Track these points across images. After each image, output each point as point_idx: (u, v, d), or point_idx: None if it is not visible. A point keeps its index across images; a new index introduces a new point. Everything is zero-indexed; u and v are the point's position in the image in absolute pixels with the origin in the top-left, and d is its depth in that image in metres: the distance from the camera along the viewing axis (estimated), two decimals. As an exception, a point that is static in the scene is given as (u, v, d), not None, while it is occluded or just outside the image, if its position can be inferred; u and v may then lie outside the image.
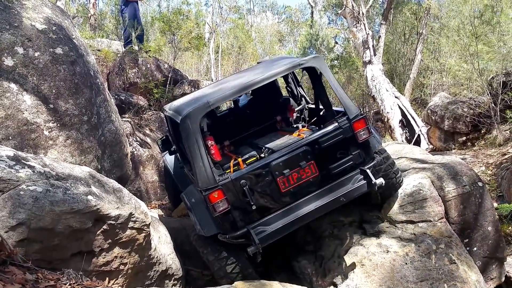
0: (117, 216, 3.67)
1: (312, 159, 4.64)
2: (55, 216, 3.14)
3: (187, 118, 4.41)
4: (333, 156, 4.74)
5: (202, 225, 4.68)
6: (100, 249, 3.65)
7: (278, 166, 4.56)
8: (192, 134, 4.36)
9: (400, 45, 21.89)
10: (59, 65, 4.22)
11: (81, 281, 3.10)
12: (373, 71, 16.34)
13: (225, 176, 4.48)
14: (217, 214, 4.35)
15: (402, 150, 7.38)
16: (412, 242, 5.21)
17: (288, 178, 4.56)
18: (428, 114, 13.38)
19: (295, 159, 4.60)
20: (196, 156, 4.37)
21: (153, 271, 4.52)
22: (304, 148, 4.66)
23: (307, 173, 4.64)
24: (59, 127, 4.16)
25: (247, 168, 4.60)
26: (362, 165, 4.83)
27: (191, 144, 4.39)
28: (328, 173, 4.75)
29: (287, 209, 4.67)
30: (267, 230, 4.55)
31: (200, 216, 4.74)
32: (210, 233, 4.63)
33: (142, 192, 8.67)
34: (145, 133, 9.71)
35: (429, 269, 5.01)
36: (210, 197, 4.29)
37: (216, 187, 4.33)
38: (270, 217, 4.61)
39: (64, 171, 3.56)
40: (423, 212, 5.40)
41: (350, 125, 4.71)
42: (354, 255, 5.30)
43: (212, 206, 4.31)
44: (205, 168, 4.35)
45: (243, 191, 4.42)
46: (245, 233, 4.48)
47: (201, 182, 4.36)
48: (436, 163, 6.11)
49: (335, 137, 4.70)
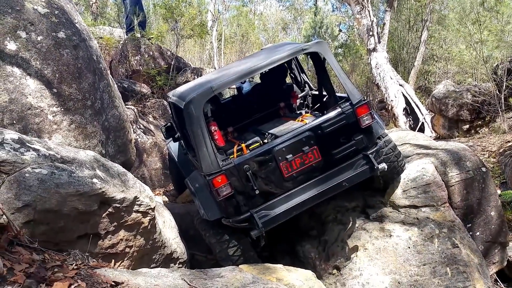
0: (122, 199, 3.70)
1: (315, 145, 4.66)
2: (60, 198, 3.16)
3: (190, 103, 4.43)
4: (336, 141, 4.75)
5: (206, 209, 4.73)
6: (106, 231, 3.69)
7: (281, 151, 4.58)
8: (196, 119, 4.38)
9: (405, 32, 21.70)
10: (62, 49, 4.22)
11: (87, 261, 3.14)
12: (378, 58, 16.22)
13: (229, 161, 4.50)
14: (221, 199, 4.38)
15: (406, 137, 7.39)
16: (415, 226, 5.23)
17: (291, 163, 4.59)
18: (432, 102, 13.35)
19: (298, 145, 4.62)
20: (199, 142, 4.39)
21: (158, 254, 4.56)
22: (307, 134, 4.67)
23: (310, 158, 4.66)
24: (63, 111, 4.17)
25: (250, 153, 4.63)
26: (365, 150, 4.82)
27: (194, 129, 4.40)
28: (331, 159, 4.75)
29: (290, 194, 4.69)
30: (270, 214, 4.57)
31: (204, 201, 4.78)
32: (214, 218, 4.68)
33: (146, 179, 8.71)
34: (148, 121, 9.73)
35: (431, 253, 5.03)
36: (214, 182, 4.32)
37: (220, 172, 4.35)
38: (273, 201, 4.63)
39: (69, 155, 3.58)
40: (426, 197, 5.41)
41: (353, 110, 4.71)
42: (357, 239, 5.33)
43: (216, 190, 4.34)
44: (209, 153, 4.38)
45: (246, 176, 4.44)
46: (248, 217, 4.52)
47: (205, 167, 4.39)
48: (439, 149, 6.12)
49: (338, 122, 4.70)
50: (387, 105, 15.82)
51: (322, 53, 4.93)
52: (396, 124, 15.17)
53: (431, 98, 13.49)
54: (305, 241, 5.73)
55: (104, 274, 2.82)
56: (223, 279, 3.06)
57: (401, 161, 5.38)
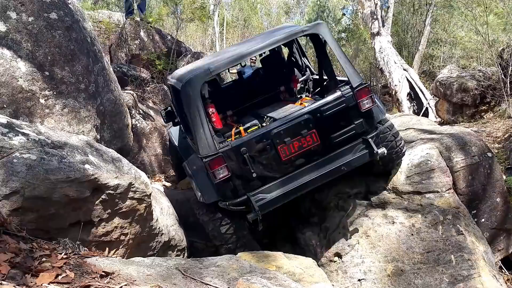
0: (116, 186, 3.57)
1: (314, 128, 4.57)
2: (50, 185, 3.04)
3: (188, 84, 4.38)
4: (335, 125, 4.67)
5: (202, 192, 4.70)
6: (100, 219, 3.58)
7: (279, 135, 4.50)
8: (193, 100, 4.33)
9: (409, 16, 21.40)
10: (54, 30, 4.06)
11: (78, 250, 3.02)
12: (381, 42, 15.98)
13: (226, 144, 4.45)
14: (217, 181, 4.33)
15: (409, 122, 7.25)
16: (419, 213, 5.12)
17: (289, 146, 4.52)
18: (437, 87, 13.15)
19: (296, 128, 4.54)
20: (197, 123, 4.35)
21: (155, 241, 4.46)
22: (306, 117, 4.58)
23: (308, 142, 4.58)
24: (55, 95, 4.03)
25: (248, 135, 4.57)
26: (365, 134, 4.74)
27: (192, 111, 4.35)
28: (329, 142, 4.68)
29: (288, 178, 4.62)
30: (267, 197, 4.52)
31: (201, 183, 4.74)
32: (211, 200, 4.65)
33: (146, 165, 8.59)
34: (148, 106, 9.58)
35: (435, 240, 4.92)
36: (211, 164, 4.28)
37: (217, 154, 4.31)
38: (271, 185, 4.57)
39: (60, 139, 3.45)
40: (430, 183, 5.27)
41: (353, 94, 4.62)
42: (359, 226, 5.23)
43: (213, 173, 4.30)
44: (206, 136, 4.33)
45: (243, 158, 4.40)
46: (245, 201, 4.48)
47: (202, 149, 4.34)
48: (444, 134, 5.98)
49: (338, 105, 4.61)
50: (391, 90, 15.63)
51: (322, 35, 4.81)
52: (400, 109, 14.99)
53: (436, 82, 13.27)
54: (306, 228, 5.64)
55: (95, 264, 2.71)
56: (219, 269, 2.95)
57: (402, 147, 5.26)
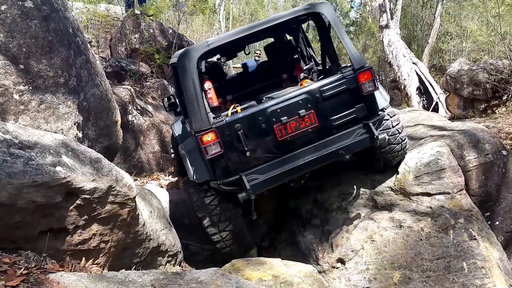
0: (92, 190, 3.24)
1: (313, 109, 4.41)
2: (13, 190, 2.72)
3: (184, 56, 4.28)
4: (335, 107, 4.49)
5: (195, 171, 4.57)
6: (75, 226, 3.25)
7: (275, 113, 4.34)
8: (189, 73, 4.22)
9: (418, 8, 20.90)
10: (30, 20, 3.73)
11: (44, 263, 2.71)
12: (390, 35, 15.58)
13: (220, 119, 4.31)
14: (209, 157, 4.19)
15: (419, 117, 6.87)
16: (428, 216, 4.77)
17: (286, 126, 4.36)
18: (447, 81, 12.76)
19: (294, 107, 4.38)
20: (191, 97, 4.24)
21: (142, 248, 4.13)
22: (304, 96, 4.41)
23: (306, 123, 4.41)
24: (31, 90, 3.70)
25: (244, 112, 4.41)
26: (366, 119, 4.53)
27: (187, 84, 4.24)
28: (328, 125, 4.49)
29: (283, 159, 4.43)
30: (260, 178, 4.35)
31: (193, 163, 4.61)
32: (202, 180, 4.52)
33: (144, 163, 8.29)
34: (146, 101, 9.26)
35: (446, 246, 4.57)
36: (203, 139, 4.15)
37: (210, 129, 4.17)
38: (265, 165, 4.40)
39: (31, 139, 3.13)
40: (440, 184, 4.92)
41: (355, 76, 4.45)
42: (363, 230, 4.89)
43: (205, 148, 4.16)
44: (200, 110, 4.21)
45: (237, 135, 4.26)
46: (237, 180, 4.33)
47: (195, 124, 4.20)
48: (455, 130, 5.60)
49: (338, 87, 4.45)
50: (400, 84, 15.24)
51: (326, 15, 4.64)
52: (409, 104, 14.62)
53: (446, 76, 12.88)
54: (307, 231, 5.30)
55: (59, 281, 2.39)
56: (200, 286, 2.61)
57: (405, 140, 5.01)
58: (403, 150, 5.09)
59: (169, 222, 4.94)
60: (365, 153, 5.25)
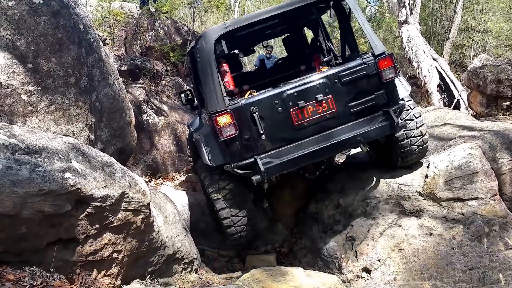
0: (104, 197, 3.03)
1: (331, 94, 4.32)
2: (18, 200, 2.51)
3: (202, 38, 4.28)
4: (354, 94, 4.40)
5: (209, 155, 4.52)
6: (86, 235, 3.04)
7: (292, 96, 4.26)
8: (206, 55, 4.22)
9: (438, 3, 20.37)
10: (38, 16, 3.52)
11: (51, 279, 2.50)
12: (409, 31, 15.14)
13: (236, 101, 4.27)
14: (224, 139, 4.14)
15: (445, 116, 6.56)
16: (460, 223, 4.48)
17: (302, 110, 4.27)
18: (469, 77, 12.34)
19: (311, 91, 4.30)
20: (208, 79, 4.23)
21: (157, 256, 3.92)
22: (322, 81, 4.32)
23: (324, 108, 4.32)
24: (40, 90, 3.50)
25: (259, 94, 4.34)
26: (386, 107, 4.41)
27: (204, 66, 4.25)
28: (347, 111, 4.39)
29: (299, 144, 4.33)
30: (274, 162, 4.25)
31: (208, 147, 4.56)
32: (217, 163, 4.45)
33: (158, 163, 8.09)
34: (161, 100, 9.06)
35: (480, 256, 4.28)
36: (218, 120, 4.11)
37: (225, 111, 4.13)
38: (280, 150, 4.30)
39: (38, 143, 2.92)
40: (473, 188, 4.62)
41: (375, 62, 4.36)
42: (390, 237, 4.61)
43: (219, 129, 4.12)
44: (216, 92, 4.18)
45: (253, 118, 4.19)
46: (251, 164, 4.24)
47: (211, 105, 4.17)
48: (487, 131, 5.29)
49: (358, 72, 4.36)
50: (420, 81, 14.79)
51: (346, 1, 4.55)
52: (430, 101, 14.20)
53: (468, 73, 12.46)
54: (329, 237, 5.03)
55: (66, 301, 2.17)
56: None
57: (425, 132, 4.84)
58: (423, 146, 4.90)
59: (185, 227, 4.73)
60: (382, 147, 5.13)
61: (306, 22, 6.08)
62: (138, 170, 7.59)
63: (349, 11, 4.86)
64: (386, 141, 5.03)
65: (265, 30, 5.57)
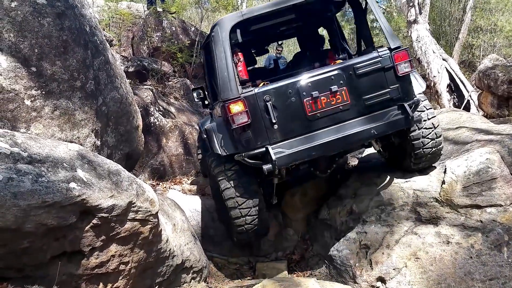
0: (111, 207, 2.90)
1: (345, 86, 4.28)
2: (20, 213, 2.38)
3: (217, 25, 4.28)
4: (369, 86, 4.35)
5: (220, 144, 4.44)
6: (91, 248, 2.91)
7: (306, 87, 4.23)
8: (221, 42, 4.22)
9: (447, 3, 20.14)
10: (42, 18, 3.39)
11: (53, 297, 2.38)
12: (419, 31, 14.94)
13: (249, 89, 4.23)
14: (236, 127, 4.09)
15: (459, 118, 6.38)
16: (479, 231, 4.30)
17: (316, 101, 4.23)
18: (480, 78, 12.11)
19: (326, 82, 4.26)
20: (222, 66, 4.21)
21: (165, 266, 3.78)
22: (337, 72, 4.29)
23: (338, 100, 4.27)
24: (44, 95, 3.37)
25: (273, 83, 4.29)
26: (400, 101, 4.36)
27: (218, 53, 4.23)
28: (361, 104, 4.34)
29: (312, 135, 4.26)
30: (286, 151, 4.17)
31: (219, 136, 4.49)
32: (228, 152, 4.38)
33: (166, 166, 7.97)
34: (169, 102, 8.94)
35: (500, 265, 4.10)
36: (231, 108, 4.07)
37: (238, 98, 4.10)
38: (292, 140, 4.23)
39: (42, 151, 2.79)
40: (492, 195, 4.44)
41: (391, 55, 4.34)
42: (406, 245, 4.44)
43: (231, 117, 4.07)
44: (230, 79, 4.16)
45: (266, 107, 4.14)
46: (263, 154, 4.17)
47: (224, 93, 4.15)
48: (504, 134, 5.12)
49: (373, 65, 4.33)
50: (429, 81, 14.59)
51: None
52: (439, 102, 14.02)
53: (478, 73, 12.24)
54: (342, 245, 4.88)
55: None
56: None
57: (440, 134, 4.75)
58: (437, 148, 4.78)
59: (193, 235, 4.59)
60: (396, 147, 5.01)
61: (321, 20, 5.97)
62: (145, 174, 7.47)
63: (365, 6, 4.83)
64: (399, 142, 4.89)
65: (279, 27, 5.47)
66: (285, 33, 6.43)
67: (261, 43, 6.52)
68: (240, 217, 4.57)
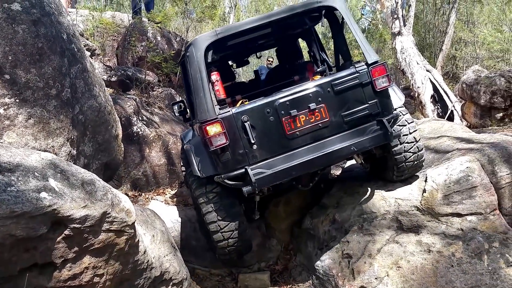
0: (83, 218, 2.83)
1: (323, 103, 4.27)
2: (-13, 223, 2.32)
3: (192, 45, 4.24)
4: (347, 103, 4.35)
5: (199, 165, 4.38)
6: (63, 259, 2.83)
7: (284, 105, 4.20)
8: (196, 62, 4.18)
9: (431, 15, 20.44)
10: (17, 24, 3.34)
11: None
12: (403, 42, 15.12)
13: (226, 110, 4.17)
14: (214, 149, 4.04)
15: (441, 128, 6.43)
16: (459, 239, 4.32)
17: (295, 119, 4.21)
18: (463, 88, 12.31)
19: (304, 100, 4.24)
20: (198, 87, 4.17)
21: (142, 278, 3.70)
22: (315, 90, 4.27)
23: (317, 117, 4.26)
24: (18, 103, 3.30)
25: (251, 103, 4.27)
26: (379, 116, 4.36)
27: (194, 73, 4.20)
28: (340, 121, 4.33)
29: (291, 154, 4.24)
30: (266, 172, 4.13)
31: (198, 157, 4.42)
32: (207, 174, 4.32)
33: (149, 176, 7.88)
34: (152, 112, 8.87)
35: (480, 273, 4.11)
36: (208, 129, 4.02)
37: (215, 120, 4.05)
38: (271, 160, 4.20)
39: (12, 160, 2.73)
40: (472, 203, 4.47)
41: (368, 70, 4.33)
42: (388, 254, 4.43)
43: (209, 139, 4.02)
44: (206, 100, 4.12)
45: (244, 127, 4.11)
46: (242, 175, 4.13)
47: (201, 114, 4.13)
48: (484, 143, 5.15)
49: (351, 81, 4.32)
50: (413, 92, 14.76)
51: (338, 9, 4.51)
52: (423, 112, 14.15)
53: (461, 84, 12.44)
54: (325, 255, 4.85)
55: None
56: None
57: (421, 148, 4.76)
58: (419, 161, 4.79)
59: (173, 246, 4.51)
60: (377, 159, 5.02)
61: (299, 33, 5.96)
62: (127, 184, 7.37)
63: (342, 21, 4.80)
64: (381, 153, 4.89)
65: (258, 40, 5.44)
66: (264, 45, 6.40)
67: (240, 55, 6.48)
68: (222, 240, 4.53)
